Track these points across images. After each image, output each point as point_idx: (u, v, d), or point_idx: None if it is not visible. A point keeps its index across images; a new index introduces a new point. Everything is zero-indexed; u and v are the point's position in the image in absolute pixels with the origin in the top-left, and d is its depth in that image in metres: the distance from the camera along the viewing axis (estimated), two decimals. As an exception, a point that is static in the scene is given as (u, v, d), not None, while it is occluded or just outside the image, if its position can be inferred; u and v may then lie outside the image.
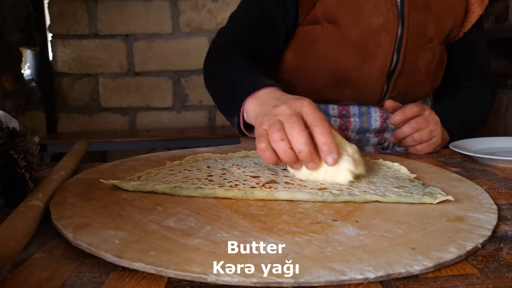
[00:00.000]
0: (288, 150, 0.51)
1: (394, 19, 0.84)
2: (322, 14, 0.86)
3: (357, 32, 0.84)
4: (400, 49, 0.85)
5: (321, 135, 0.51)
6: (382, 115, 0.95)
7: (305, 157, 0.51)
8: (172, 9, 2.13)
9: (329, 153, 0.51)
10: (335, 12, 0.84)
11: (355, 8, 0.84)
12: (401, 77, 0.88)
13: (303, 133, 0.51)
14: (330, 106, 0.95)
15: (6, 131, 0.50)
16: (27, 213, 0.41)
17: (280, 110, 0.54)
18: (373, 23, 0.84)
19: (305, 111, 0.53)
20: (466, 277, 0.33)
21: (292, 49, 0.93)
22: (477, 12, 0.91)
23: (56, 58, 2.13)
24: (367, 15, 0.84)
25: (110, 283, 0.32)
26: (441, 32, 0.89)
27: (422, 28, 0.86)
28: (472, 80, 1.00)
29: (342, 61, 0.87)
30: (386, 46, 0.85)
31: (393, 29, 0.84)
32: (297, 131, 0.51)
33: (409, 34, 0.85)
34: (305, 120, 0.53)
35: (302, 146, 0.50)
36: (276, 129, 0.52)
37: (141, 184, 0.51)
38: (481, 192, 0.53)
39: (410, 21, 0.84)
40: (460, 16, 0.90)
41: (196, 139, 1.92)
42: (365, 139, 0.97)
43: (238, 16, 0.90)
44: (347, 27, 0.85)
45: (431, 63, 0.90)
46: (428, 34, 0.87)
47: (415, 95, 0.94)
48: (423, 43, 0.88)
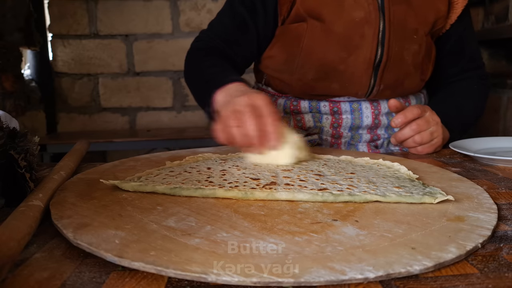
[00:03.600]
0: (242, 135, 0.61)
1: (375, 12, 0.85)
2: (305, 11, 0.87)
3: (341, 25, 0.86)
4: (384, 41, 0.87)
5: (269, 125, 0.62)
6: (374, 111, 0.95)
7: (254, 141, 0.61)
8: (172, 9, 2.13)
9: (272, 140, 0.62)
10: (318, 8, 0.86)
11: (336, 3, 0.86)
12: (387, 69, 0.89)
13: (254, 121, 0.61)
14: (321, 103, 0.96)
15: (6, 131, 0.50)
16: (27, 213, 0.41)
17: (240, 100, 0.64)
18: (355, 17, 0.86)
19: (260, 104, 0.63)
20: (466, 277, 0.33)
21: (279, 48, 0.94)
22: (462, 3, 0.91)
23: (56, 58, 2.13)
24: (349, 9, 0.85)
25: (110, 282, 0.32)
26: (425, 24, 0.90)
27: (403, 20, 0.87)
28: (465, 73, 1.01)
29: (328, 55, 0.88)
30: (370, 38, 0.86)
31: (375, 22, 0.85)
32: (250, 120, 0.61)
33: (391, 26, 0.86)
34: (258, 111, 0.62)
35: (252, 132, 0.61)
36: (234, 116, 0.62)
37: (141, 185, 0.51)
38: (481, 192, 0.53)
39: (391, 14, 0.86)
40: (442, 7, 0.91)
41: (196, 139, 1.92)
42: (357, 136, 0.98)
43: (214, 23, 0.97)
44: (330, 22, 0.86)
45: (417, 54, 0.91)
46: (410, 26, 0.88)
47: (405, 89, 0.94)
48: (407, 35, 0.89)
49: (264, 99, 0.64)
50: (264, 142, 0.62)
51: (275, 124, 0.62)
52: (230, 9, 0.94)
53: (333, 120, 0.96)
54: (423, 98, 1.02)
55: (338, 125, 0.96)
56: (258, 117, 0.62)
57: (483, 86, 1.01)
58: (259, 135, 0.61)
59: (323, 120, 0.97)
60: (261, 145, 0.62)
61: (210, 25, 0.98)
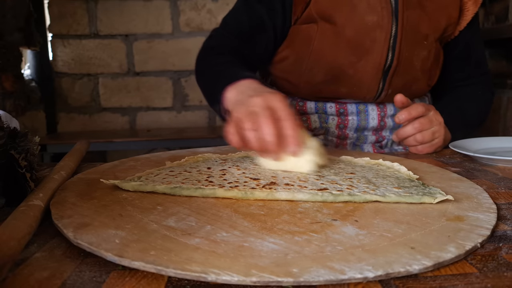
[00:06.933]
0: (258, 139, 0.56)
1: (388, 16, 0.85)
2: (317, 13, 0.87)
3: (352, 29, 0.85)
4: (395, 46, 0.86)
5: (288, 128, 0.57)
6: (380, 113, 0.95)
7: (271, 146, 0.56)
8: (172, 9, 2.13)
9: (292, 145, 0.57)
10: (330, 11, 0.86)
11: (349, 6, 0.85)
12: (396, 74, 0.89)
13: (272, 125, 0.56)
14: (328, 104, 0.95)
15: (7, 131, 0.50)
16: (27, 213, 0.41)
17: (255, 101, 0.59)
18: (368, 21, 0.85)
19: (277, 106, 0.58)
20: (465, 276, 0.33)
21: (290, 48, 0.94)
22: (472, 10, 0.91)
23: (56, 58, 2.13)
24: (361, 13, 0.85)
25: (110, 282, 0.32)
26: (436, 30, 0.90)
27: (416, 25, 0.87)
28: (470, 79, 1.01)
29: (338, 58, 0.88)
30: (381, 43, 0.85)
31: (387, 27, 0.85)
32: (267, 123, 0.56)
33: (404, 31, 0.86)
34: (276, 114, 0.58)
35: (269, 137, 0.56)
36: (249, 119, 0.57)
37: (141, 185, 0.51)
38: (481, 191, 0.53)
39: (404, 19, 0.85)
40: (454, 14, 0.91)
41: (196, 139, 1.92)
42: (363, 137, 0.98)
43: (228, 20, 0.94)
44: (342, 25, 0.86)
45: (426, 60, 0.91)
46: (423, 32, 0.88)
47: (411, 93, 0.94)
48: (418, 41, 0.88)
49: (282, 101, 0.59)
50: (282, 147, 0.57)
51: (295, 128, 0.57)
52: (246, 7, 0.91)
53: (339, 121, 0.96)
54: (427, 101, 1.02)
55: (344, 126, 0.96)
56: (276, 120, 0.57)
57: (488, 92, 1.01)
58: (277, 140, 0.56)
59: (329, 121, 0.97)
60: (279, 150, 0.57)
61: (223, 23, 0.95)
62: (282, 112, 0.58)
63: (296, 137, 0.57)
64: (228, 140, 0.59)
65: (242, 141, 0.58)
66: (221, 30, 0.94)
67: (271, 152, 0.58)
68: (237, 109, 0.62)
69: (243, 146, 0.58)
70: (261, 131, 0.56)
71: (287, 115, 0.58)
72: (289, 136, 0.57)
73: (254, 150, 0.59)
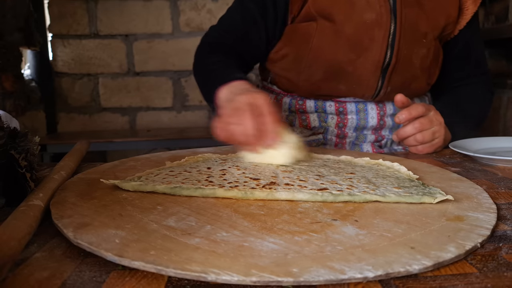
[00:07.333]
0: (241, 132, 0.62)
1: (387, 14, 0.85)
2: (316, 11, 0.87)
3: (351, 27, 0.86)
4: (394, 44, 0.86)
5: (268, 123, 0.63)
6: (379, 112, 0.95)
7: (251, 139, 0.62)
8: (172, 9, 2.13)
9: (269, 138, 0.63)
10: (328, 8, 0.86)
11: (347, 4, 0.86)
12: (395, 72, 0.89)
13: (253, 120, 0.62)
14: (327, 103, 0.96)
15: (7, 131, 0.50)
16: (27, 213, 0.41)
17: (240, 99, 0.66)
18: (366, 18, 0.85)
19: (260, 103, 0.64)
20: (465, 276, 0.33)
21: (289, 46, 0.94)
22: (471, 9, 0.92)
23: (56, 58, 2.13)
24: (360, 11, 0.85)
25: (110, 282, 0.32)
26: (435, 28, 0.90)
27: (415, 23, 0.87)
28: (470, 79, 1.01)
29: (337, 56, 0.88)
30: (380, 40, 0.86)
31: (386, 24, 0.85)
32: (249, 118, 0.62)
33: (402, 29, 0.86)
34: (258, 110, 0.63)
35: (250, 130, 0.62)
36: (234, 114, 0.64)
37: (141, 184, 0.51)
38: (481, 191, 0.53)
39: (403, 17, 0.86)
40: (453, 12, 0.91)
41: (196, 139, 1.92)
42: (362, 136, 0.98)
43: (224, 18, 0.97)
44: (341, 23, 0.86)
45: (425, 58, 0.91)
46: (421, 30, 0.88)
47: (411, 91, 0.94)
48: (417, 39, 0.89)
49: (265, 99, 0.65)
50: (261, 140, 0.63)
51: (274, 123, 0.63)
52: (240, 5, 0.95)
53: (338, 120, 0.96)
54: (427, 101, 1.02)
55: (343, 125, 0.97)
56: (258, 115, 0.62)
57: (487, 92, 1.01)
58: (257, 133, 0.62)
59: (329, 120, 0.97)
60: (258, 143, 0.63)
61: (219, 21, 0.98)
62: (264, 109, 0.63)
63: (273, 131, 0.63)
64: (215, 134, 0.65)
65: (228, 135, 0.64)
66: (217, 27, 0.97)
67: (251, 145, 0.64)
68: (225, 106, 0.69)
69: (228, 139, 0.64)
70: (243, 125, 0.62)
71: (268, 111, 0.63)
72: (267, 130, 0.62)
73: (237, 143, 0.64)
